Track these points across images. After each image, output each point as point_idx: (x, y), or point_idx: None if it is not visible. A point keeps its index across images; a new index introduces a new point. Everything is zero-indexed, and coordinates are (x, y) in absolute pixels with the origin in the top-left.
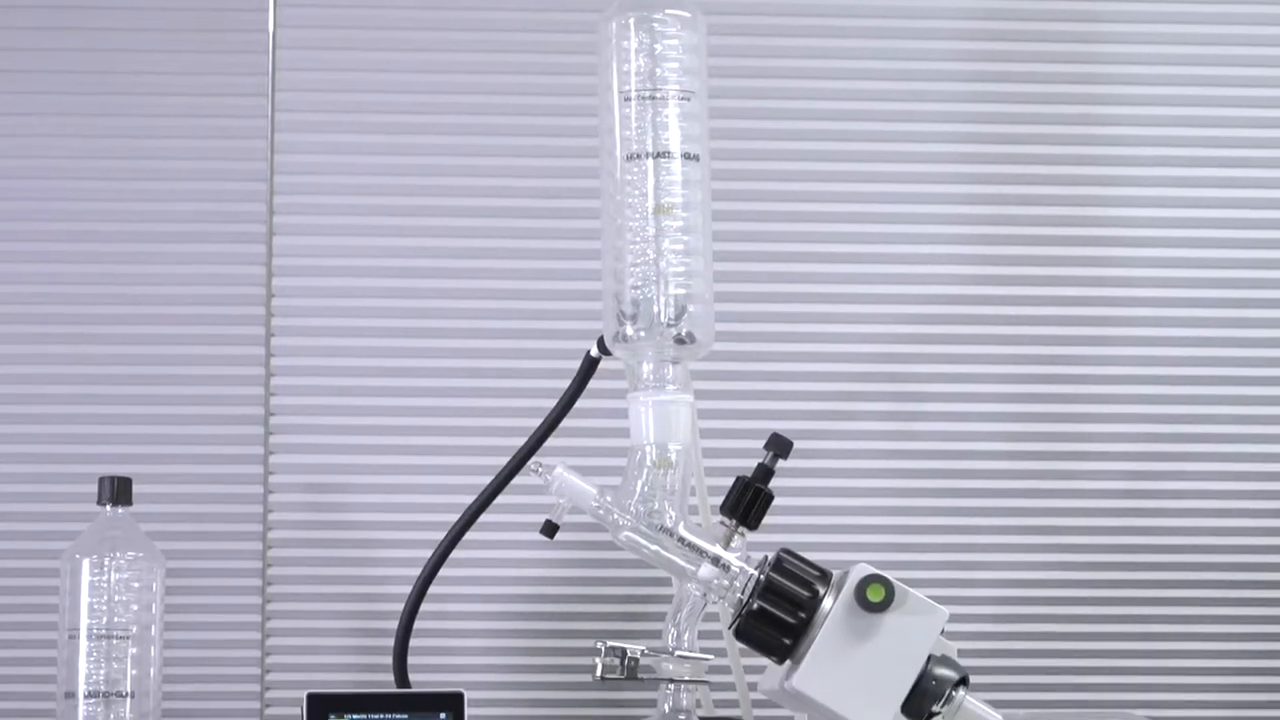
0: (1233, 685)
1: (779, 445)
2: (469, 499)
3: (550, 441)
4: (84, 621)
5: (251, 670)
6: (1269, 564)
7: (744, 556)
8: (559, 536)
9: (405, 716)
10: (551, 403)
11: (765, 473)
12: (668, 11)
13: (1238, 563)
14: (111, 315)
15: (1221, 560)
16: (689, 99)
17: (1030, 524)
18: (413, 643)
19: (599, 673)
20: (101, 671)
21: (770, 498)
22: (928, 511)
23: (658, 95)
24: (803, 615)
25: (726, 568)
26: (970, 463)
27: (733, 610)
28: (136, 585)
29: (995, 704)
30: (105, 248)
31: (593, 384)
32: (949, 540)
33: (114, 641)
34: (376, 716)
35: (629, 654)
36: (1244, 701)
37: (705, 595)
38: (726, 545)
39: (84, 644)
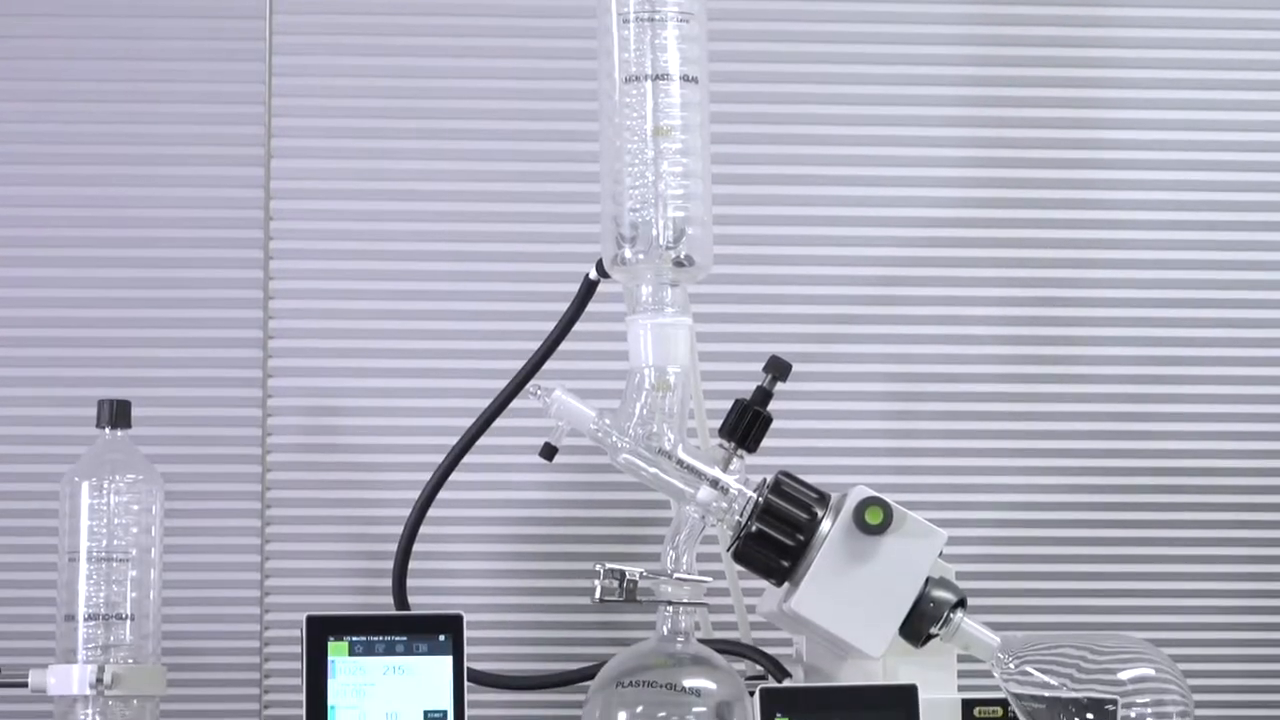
0: (1229, 607)
1: (777, 368)
2: (468, 422)
3: (549, 364)
4: (83, 544)
5: (251, 593)
6: (1266, 486)
7: (742, 479)
8: (557, 459)
9: (404, 639)
10: (550, 326)
11: (764, 395)
12: None
13: (1234, 485)
14: (109, 239)
15: (1218, 483)
16: (688, 20)
17: (1028, 446)
18: (412, 565)
19: (597, 595)
20: (101, 594)
21: (769, 420)
22: (926, 434)
23: (656, 17)
24: (801, 538)
25: (725, 490)
26: (968, 385)
27: (731, 532)
28: (136, 508)
29: (993, 626)
30: (103, 170)
31: (591, 307)
32: (947, 463)
33: (113, 564)
34: (376, 639)
35: (627, 576)
36: (1240, 624)
37: (704, 518)
38: (725, 468)
39: (83, 567)
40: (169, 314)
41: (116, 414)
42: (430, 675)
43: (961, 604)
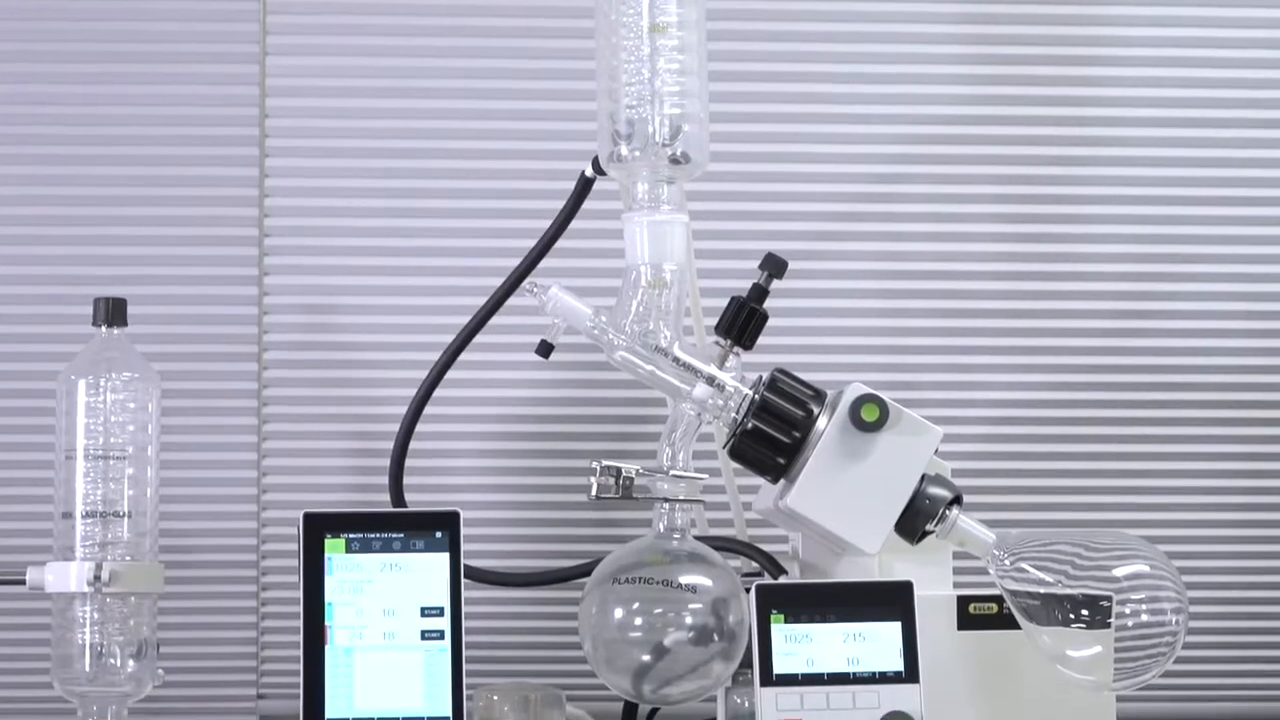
0: (1224, 504)
1: (774, 265)
2: (464, 319)
3: (545, 262)
4: (80, 442)
5: (248, 491)
6: (1263, 383)
7: (739, 376)
8: (554, 356)
9: (401, 535)
10: (546, 223)
11: (760, 293)
12: None
13: (1231, 382)
14: (105, 136)
15: (1214, 380)
16: None
17: (1024, 344)
18: (409, 463)
19: (594, 492)
20: (98, 492)
21: (765, 317)
22: (922, 331)
23: None
24: (797, 434)
25: (721, 387)
26: (965, 283)
27: (727, 430)
28: (132, 406)
29: (988, 523)
30: (98, 68)
31: (587, 204)
32: (943, 360)
33: (110, 462)
34: (373, 535)
35: (624, 473)
36: (1236, 520)
37: (700, 415)
38: (721, 365)
39: (80, 464)
40: (165, 212)
41: (112, 312)
42: (427, 572)
43: (957, 501)
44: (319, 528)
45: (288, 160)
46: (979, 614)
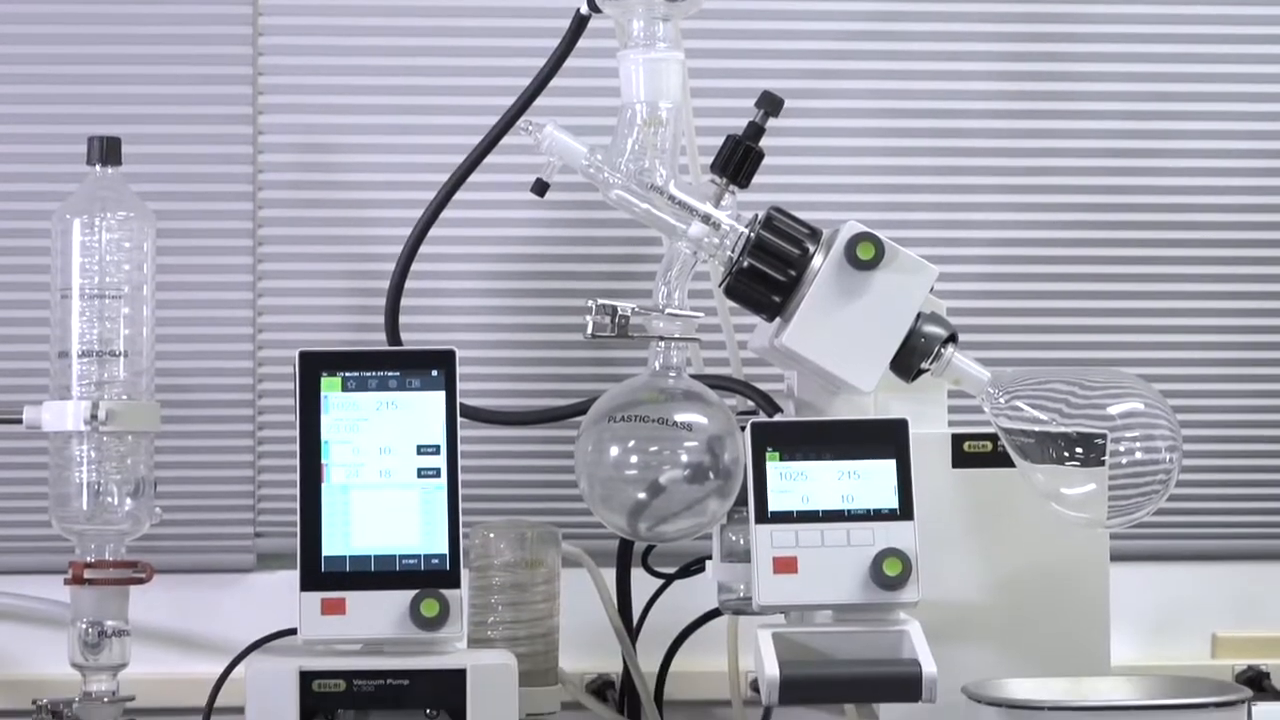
0: (1218, 343)
1: (770, 103)
2: (459, 158)
3: (540, 101)
4: (75, 281)
5: (244, 330)
6: (1259, 222)
7: (734, 215)
8: (550, 195)
9: (397, 374)
10: (542, 62)
11: (756, 131)
12: None
13: (1227, 221)
14: None
15: (1210, 219)
16: None
17: (1021, 183)
18: (405, 302)
19: (590, 330)
20: (94, 331)
21: (761, 156)
22: (919, 170)
23: None
24: (793, 273)
25: (717, 226)
26: (962, 121)
27: (723, 268)
28: (128, 245)
29: (984, 361)
30: None
31: (583, 43)
32: (939, 199)
33: (106, 301)
34: (369, 374)
35: (619, 312)
36: (1229, 359)
37: (696, 253)
38: (717, 203)
39: (76, 303)
40: (159, 50)
41: (107, 151)
42: (423, 410)
43: (952, 339)
44: (315, 366)
45: None
46: (973, 452)
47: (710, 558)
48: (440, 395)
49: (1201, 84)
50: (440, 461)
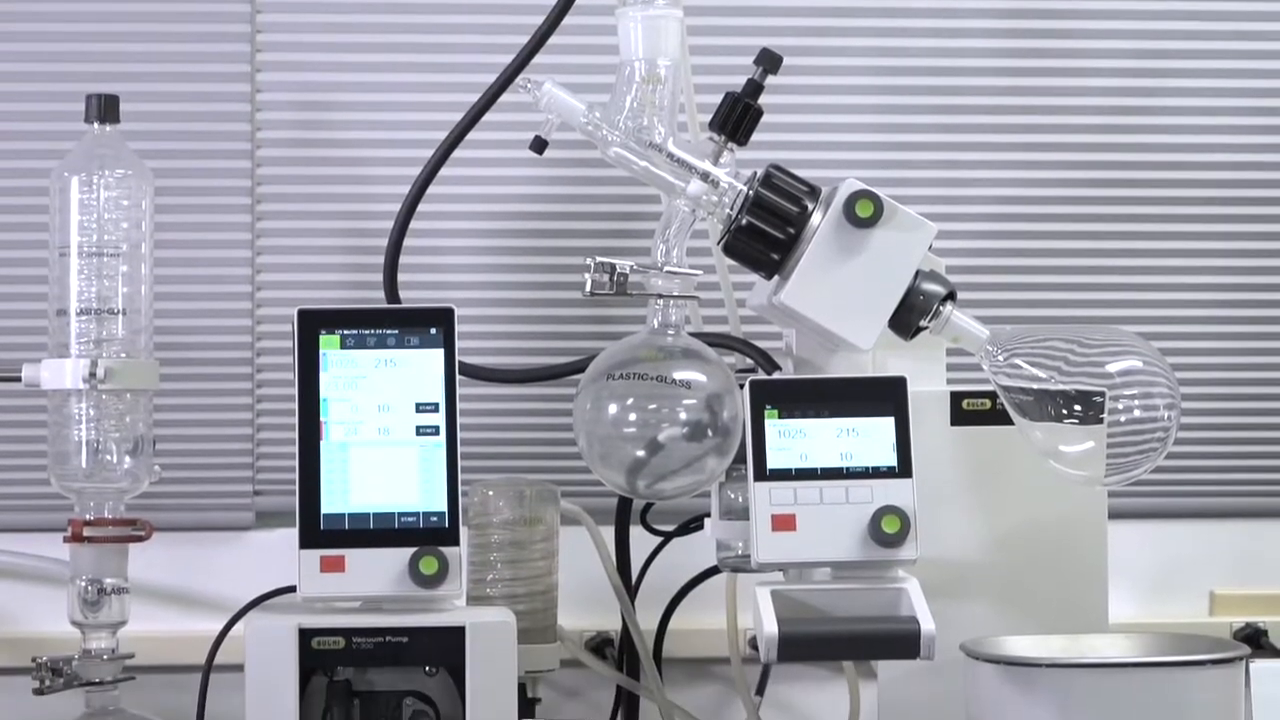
0: (1217, 300)
1: (769, 60)
2: (458, 116)
3: (539, 58)
4: (74, 239)
5: (242, 288)
6: (1260, 180)
7: (733, 172)
8: (548, 153)
9: (396, 332)
10: (540, 19)
11: (755, 88)
12: None
13: (1226, 179)
14: None
15: (1210, 177)
16: None
17: (1020, 140)
18: (403, 260)
19: (588, 288)
20: (93, 289)
21: (759, 113)
22: (917, 128)
23: None
24: (791, 231)
25: (716, 183)
26: (960, 79)
27: (721, 226)
28: (126, 203)
29: (982, 319)
30: None
31: (581, 0)
32: (938, 157)
33: (104, 259)
34: (367, 332)
35: (618, 269)
36: (1227, 317)
37: (694, 211)
38: (715, 161)
39: (74, 261)
40: (157, 8)
41: (105, 109)
42: (421, 368)
43: (951, 297)
44: (313, 324)
45: None
46: (972, 409)
47: (709, 515)
48: (439, 353)
49: (1200, 41)
50: (439, 419)
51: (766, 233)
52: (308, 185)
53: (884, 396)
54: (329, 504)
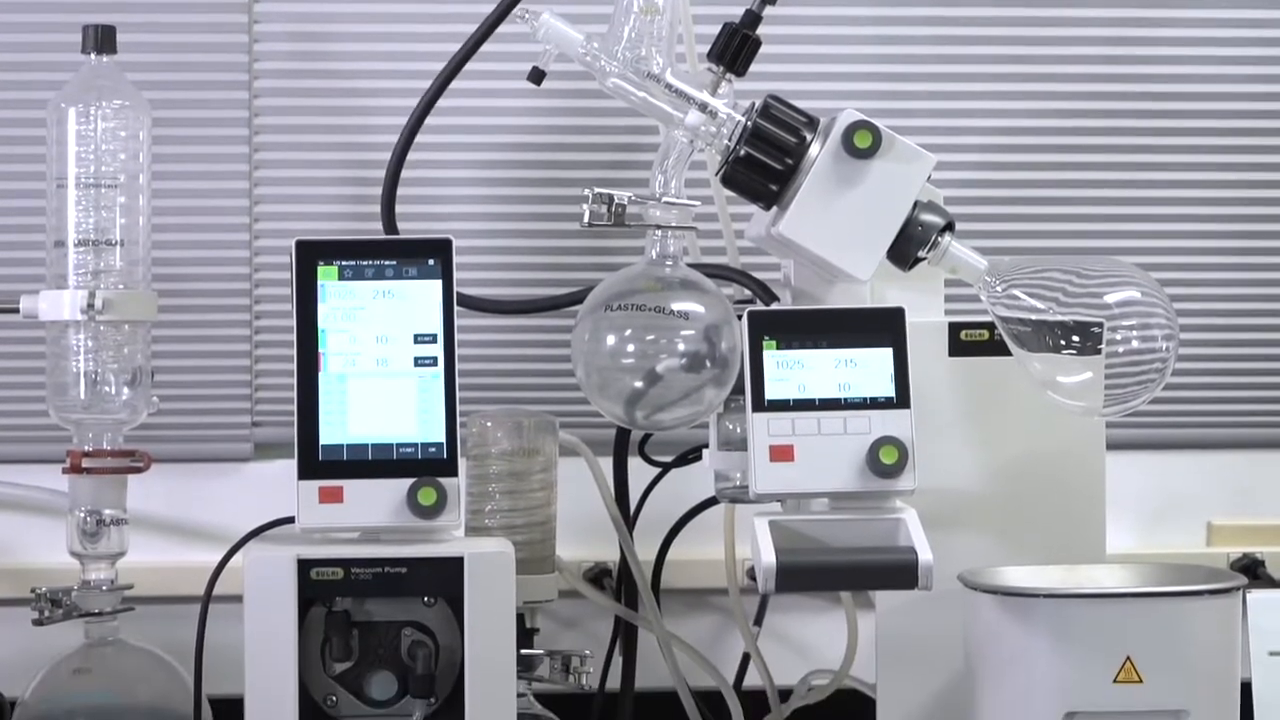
0: (1215, 231)
1: None
2: (456, 46)
3: None
4: (71, 170)
5: (240, 219)
6: (1255, 110)
7: (731, 103)
8: (546, 84)
9: (394, 263)
10: None
11: (753, 19)
12: None
13: (1224, 109)
14: None
15: (1208, 107)
16: None
17: (1018, 71)
18: (401, 191)
19: (586, 219)
20: (90, 220)
21: (758, 43)
22: (916, 59)
23: None
24: (790, 161)
25: (714, 114)
26: (959, 9)
27: (720, 157)
28: (123, 134)
29: (981, 250)
30: None
31: None
32: (937, 88)
33: (102, 190)
34: (365, 263)
35: (616, 200)
36: (1225, 248)
37: (692, 142)
38: (714, 92)
39: (72, 193)
40: None
41: (101, 39)
42: (419, 299)
43: (949, 228)
44: (311, 255)
45: None
46: (970, 340)
47: (707, 446)
48: (437, 284)
49: None
50: (437, 350)
51: (765, 163)
52: (305, 116)
53: (882, 327)
54: (327, 435)
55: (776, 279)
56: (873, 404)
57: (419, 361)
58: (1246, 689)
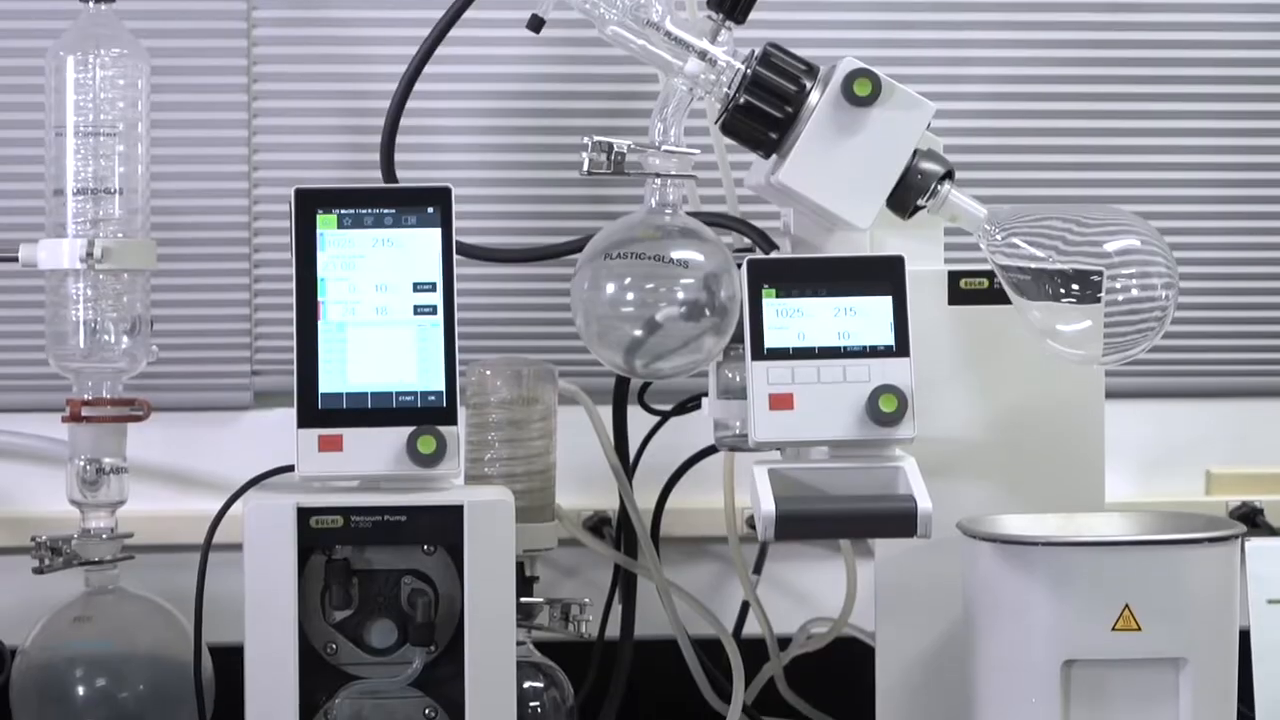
0: (1215, 180)
1: None
2: None
3: None
4: (70, 119)
5: (239, 168)
6: (1256, 59)
7: (730, 51)
8: (545, 31)
9: (393, 211)
10: None
11: None
12: None
13: (1225, 58)
14: None
15: (1209, 56)
16: None
17: (1018, 19)
18: (400, 140)
19: (586, 167)
20: (89, 169)
21: None
22: (916, 6)
23: None
24: (789, 109)
25: (713, 62)
26: None
27: (719, 105)
28: (122, 82)
29: (980, 198)
30: None
31: None
32: (937, 35)
33: (101, 139)
34: (364, 211)
35: (615, 148)
36: (1225, 196)
37: (692, 90)
38: (713, 39)
39: (70, 141)
40: None
41: None
42: (419, 247)
43: (949, 176)
44: (310, 204)
45: None
46: (970, 289)
47: (706, 395)
48: (436, 232)
49: None
50: (437, 299)
51: (764, 111)
52: (304, 64)
53: (882, 275)
54: (327, 384)
55: (776, 227)
56: (872, 352)
57: (418, 310)
58: (1245, 637)
